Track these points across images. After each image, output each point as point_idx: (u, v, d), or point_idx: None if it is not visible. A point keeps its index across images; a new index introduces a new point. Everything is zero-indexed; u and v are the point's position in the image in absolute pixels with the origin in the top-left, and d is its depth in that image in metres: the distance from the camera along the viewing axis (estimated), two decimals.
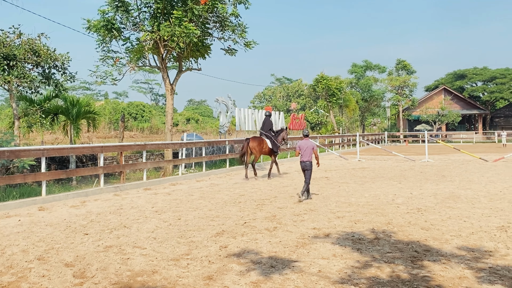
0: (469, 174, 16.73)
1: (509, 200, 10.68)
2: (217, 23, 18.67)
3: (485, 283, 5.05)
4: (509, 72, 63.75)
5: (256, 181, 15.84)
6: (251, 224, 8.40)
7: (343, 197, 11.63)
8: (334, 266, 5.81)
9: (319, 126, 43.85)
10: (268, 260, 6.09)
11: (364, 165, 21.94)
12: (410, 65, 59.83)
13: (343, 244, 6.85)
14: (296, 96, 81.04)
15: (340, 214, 9.31)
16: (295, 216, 9.16)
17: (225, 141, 20.88)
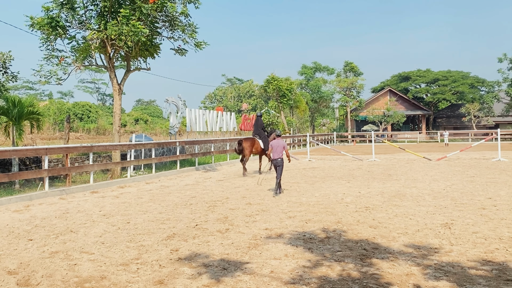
0: (414, 173, 17.32)
1: (452, 198, 11.13)
2: (167, 23, 18.41)
3: (431, 279, 5.23)
4: (451, 74, 66.60)
5: (208, 183, 15.75)
6: (203, 227, 8.32)
7: (294, 197, 11.75)
8: (286, 266, 5.84)
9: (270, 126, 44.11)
10: (220, 263, 6.05)
11: (314, 165, 22.27)
12: (357, 67, 61.44)
13: (295, 244, 6.91)
14: (247, 97, 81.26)
15: (292, 214, 9.39)
16: (247, 217, 9.16)
17: (175, 142, 20.62)
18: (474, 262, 5.84)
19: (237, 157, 26.82)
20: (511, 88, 57.87)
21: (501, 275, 5.31)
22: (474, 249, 6.45)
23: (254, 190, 13.15)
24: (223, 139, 26.43)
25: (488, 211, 9.30)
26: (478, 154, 28.21)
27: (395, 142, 52.64)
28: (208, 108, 68.72)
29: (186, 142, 21.96)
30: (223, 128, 29.10)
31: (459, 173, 16.91)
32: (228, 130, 29.89)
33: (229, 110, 69.51)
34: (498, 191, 12.07)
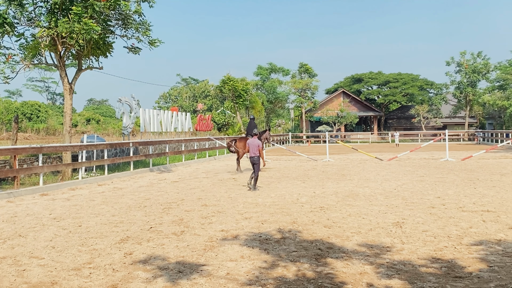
0: (367, 172, 17.72)
1: (402, 197, 11.46)
2: (120, 21, 18.02)
3: (384, 278, 5.35)
4: (401, 76, 68.64)
5: (163, 184, 15.54)
6: (158, 229, 8.20)
7: (250, 197, 11.77)
8: (242, 268, 5.84)
9: (226, 127, 44.06)
10: (175, 266, 5.97)
11: (270, 165, 22.40)
12: (312, 68, 62.27)
13: (251, 245, 6.91)
14: (202, 97, 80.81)
15: (248, 215, 9.40)
16: (203, 219, 9.09)
17: (129, 142, 20.22)
18: (424, 260, 6.02)
19: (192, 157, 26.66)
20: (458, 91, 60.26)
21: (450, 272, 5.50)
22: (424, 247, 6.66)
23: (210, 192, 13.08)
24: (178, 139, 26.16)
25: (437, 210, 9.63)
26: (427, 154, 29.19)
27: (348, 142, 53.72)
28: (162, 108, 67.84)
29: (140, 142, 21.58)
30: (178, 129, 28.81)
31: (409, 173, 17.43)
32: (183, 131, 29.61)
33: (184, 110, 68.92)
34: (446, 190, 12.52)
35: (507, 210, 9.41)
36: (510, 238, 7.10)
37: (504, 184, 13.47)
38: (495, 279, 5.21)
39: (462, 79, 59.31)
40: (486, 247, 6.61)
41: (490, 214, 8.99)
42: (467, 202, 10.52)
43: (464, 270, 5.59)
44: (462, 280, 5.22)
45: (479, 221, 8.40)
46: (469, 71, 58.49)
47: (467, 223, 8.25)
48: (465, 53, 59.17)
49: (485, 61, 58.82)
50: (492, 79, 60.42)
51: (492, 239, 7.04)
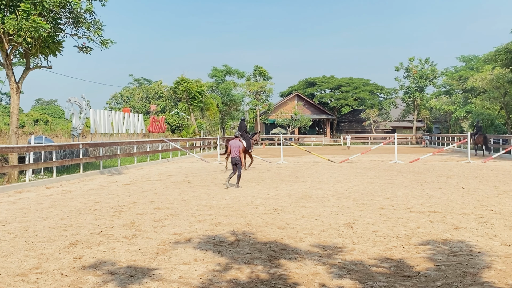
0: (319, 174, 18.00)
1: (354, 198, 11.70)
2: (70, 19, 17.50)
3: (336, 278, 5.45)
4: (353, 81, 70.31)
5: (114, 187, 15.20)
6: (108, 233, 8.00)
7: (204, 200, 11.69)
8: (196, 271, 5.79)
9: (180, 129, 43.61)
10: (126, 270, 5.84)
11: (224, 167, 22.34)
12: (267, 71, 62.75)
13: (205, 248, 6.87)
14: (156, 98, 79.67)
15: (202, 217, 9.33)
16: (155, 222, 8.95)
17: (78, 144, 19.65)
18: (375, 260, 6.17)
19: (144, 160, 26.23)
20: (407, 95, 62.29)
21: (399, 272, 5.66)
22: (374, 247, 6.83)
23: (162, 194, 12.90)
24: (130, 141, 25.67)
25: (386, 210, 9.90)
26: (377, 156, 29.97)
27: (302, 145, 54.40)
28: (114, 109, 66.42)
29: (90, 144, 21.02)
30: (130, 130, 28.27)
31: (360, 174, 17.84)
32: (136, 132, 29.10)
33: (137, 111, 67.68)
34: (395, 191, 12.89)
35: (452, 211, 9.79)
36: (455, 238, 7.39)
37: (450, 186, 14.01)
38: (441, 278, 5.40)
39: (410, 84, 61.38)
40: (433, 246, 6.85)
41: (436, 215, 9.32)
42: (415, 203, 10.87)
43: (412, 269, 5.77)
44: (410, 279, 5.39)
45: (426, 221, 8.69)
46: (417, 76, 60.61)
47: (415, 223, 8.52)
48: (414, 59, 61.31)
49: (432, 67, 61.15)
50: (438, 84, 62.96)
51: (438, 239, 7.30)
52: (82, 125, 22.71)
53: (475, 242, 7.08)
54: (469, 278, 5.39)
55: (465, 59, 63.73)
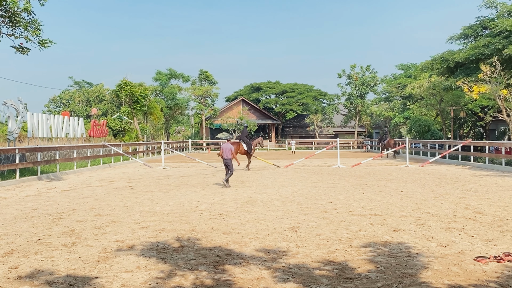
0: (265, 179, 18.11)
1: (298, 202, 11.85)
2: (7, 18, 16.69)
3: (280, 282, 5.48)
4: (297, 87, 71.45)
5: (53, 193, 14.60)
6: (46, 241, 7.66)
7: (147, 206, 11.46)
8: (138, 278, 5.64)
9: (122, 133, 42.57)
10: (66, 279, 5.61)
11: (169, 172, 22.04)
12: (212, 76, 62.50)
13: (148, 255, 6.72)
14: (97, 101, 77.40)
15: (145, 224, 9.13)
16: (96, 229, 8.67)
17: (14, 149, 18.73)
18: (318, 263, 6.27)
19: (85, 165, 25.40)
20: (349, 102, 64.03)
21: (341, 274, 5.77)
22: (317, 251, 6.93)
23: (104, 201, 12.52)
24: (69, 146, 24.77)
25: (329, 214, 10.09)
26: (320, 161, 30.56)
27: None
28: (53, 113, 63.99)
29: (27, 149, 20.10)
30: (70, 134, 27.31)
31: (304, 179, 18.11)
32: (76, 137, 28.14)
33: (77, 115, 65.54)
34: (338, 195, 13.18)
35: (392, 213, 10.12)
36: (395, 240, 7.63)
37: (390, 189, 14.50)
38: (381, 279, 5.56)
39: (352, 91, 63.17)
40: (373, 249, 7.04)
41: (377, 218, 9.61)
42: (357, 206, 11.15)
43: (354, 271, 5.90)
44: (352, 281, 5.51)
45: (367, 224, 8.94)
46: (358, 83, 62.48)
47: (356, 226, 8.73)
48: (355, 66, 63.15)
49: (373, 74, 63.27)
50: (379, 91, 65.13)
51: (379, 241, 7.51)
52: (19, 129, 21.70)
53: (413, 243, 7.35)
54: (408, 278, 5.57)
55: (404, 67, 66.29)
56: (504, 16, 30.32)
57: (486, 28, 31.52)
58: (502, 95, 28.00)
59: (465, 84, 29.28)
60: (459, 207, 10.86)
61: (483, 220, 9.27)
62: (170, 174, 20.99)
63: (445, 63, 32.20)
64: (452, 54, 31.54)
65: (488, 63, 28.14)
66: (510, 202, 11.57)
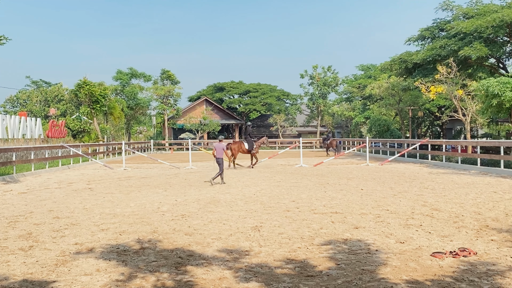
0: (228, 179, 18.06)
1: (261, 202, 11.90)
2: None
3: (242, 281, 5.49)
4: (261, 87, 71.71)
5: (9, 196, 14.13)
6: (2, 245, 7.42)
7: (107, 208, 11.24)
8: (98, 281, 5.54)
9: (82, 134, 41.62)
10: (22, 284, 5.45)
11: (130, 174, 21.71)
12: (174, 75, 61.88)
13: (108, 258, 6.60)
14: (55, 102, 75.33)
15: (105, 226, 8.96)
16: (54, 232, 8.45)
17: None
18: (280, 262, 6.31)
19: (43, 166, 24.71)
20: (311, 102, 64.75)
21: (303, 272, 5.84)
22: (280, 249, 6.98)
23: (62, 203, 12.21)
24: (27, 147, 24.02)
25: (292, 213, 10.18)
26: (283, 160, 30.78)
27: (211, 150, 54.35)
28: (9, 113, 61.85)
29: None
30: (27, 135, 26.52)
31: (268, 178, 18.20)
32: (33, 138, 27.36)
33: (35, 115, 63.63)
34: (300, 194, 13.31)
35: (352, 211, 10.30)
36: (355, 237, 7.78)
37: (350, 188, 14.75)
38: (342, 276, 5.65)
39: (314, 91, 63.93)
40: (334, 246, 7.15)
41: (338, 216, 9.76)
42: (318, 204, 11.29)
43: (315, 269, 5.97)
44: (313, 278, 5.57)
45: (329, 222, 9.07)
46: (320, 84, 63.27)
47: (318, 224, 8.84)
48: (317, 67, 63.91)
49: (334, 75, 64.22)
50: (340, 91, 66.20)
51: (339, 239, 7.64)
52: None
53: (373, 240, 7.51)
54: (367, 275, 5.69)
55: (364, 68, 67.57)
56: (459, 18, 31.35)
57: (442, 30, 32.54)
58: (458, 95, 28.97)
59: (423, 84, 30.15)
60: (417, 204, 11.16)
61: (439, 216, 9.56)
62: (131, 175, 20.68)
63: (403, 64, 33.03)
64: (410, 55, 32.38)
65: (445, 64, 29.06)
66: (466, 199, 11.97)
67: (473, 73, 33.45)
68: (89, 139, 41.15)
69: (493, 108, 23.41)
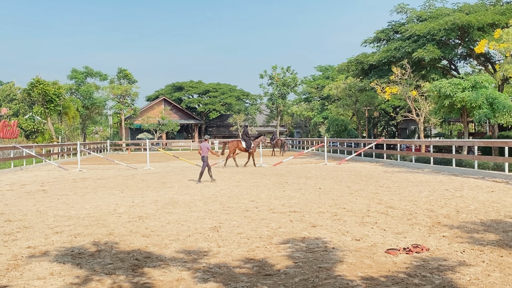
0: (187, 180, 17.95)
1: (220, 202, 11.88)
2: None
3: (200, 282, 5.47)
4: (220, 87, 71.61)
5: None
6: None
7: (62, 210, 10.95)
8: (52, 285, 5.39)
9: (35, 134, 40.33)
10: None
11: (86, 175, 21.20)
12: (132, 74, 60.94)
13: (62, 261, 6.43)
14: (7, 101, 72.66)
15: (59, 229, 8.72)
16: (5, 235, 8.15)
17: None
18: (239, 261, 6.33)
19: None
20: (271, 102, 65.18)
21: (261, 271, 5.87)
22: (238, 249, 6.99)
23: (14, 205, 11.80)
24: None
25: (251, 212, 10.21)
26: (243, 160, 30.78)
27: (169, 150, 53.80)
28: None
29: None
30: None
31: (227, 178, 18.18)
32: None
33: None
34: (260, 194, 13.37)
35: (310, 210, 10.44)
36: (312, 235, 7.88)
37: (309, 187, 14.94)
38: (299, 274, 5.72)
39: (274, 91, 64.39)
40: (292, 245, 7.23)
41: (296, 214, 9.87)
42: (277, 204, 11.38)
43: (273, 268, 6.02)
44: (271, 277, 5.62)
45: (287, 221, 9.15)
46: (279, 84, 63.77)
47: (276, 223, 8.92)
48: (276, 67, 64.44)
49: (293, 76, 64.90)
50: (299, 92, 66.96)
51: (297, 237, 7.72)
52: None
53: (330, 238, 7.64)
54: (324, 272, 5.78)
55: (322, 69, 68.57)
56: (413, 21, 32.33)
57: (397, 32, 33.45)
58: (412, 96, 29.85)
59: (378, 85, 30.91)
60: (373, 202, 11.43)
61: (394, 214, 9.83)
62: (87, 177, 20.20)
63: (359, 65, 33.76)
64: (366, 57, 33.14)
65: (399, 65, 29.90)
66: (419, 197, 12.35)
67: (426, 75, 34.58)
68: (43, 139, 39.90)
69: (445, 108, 24.30)
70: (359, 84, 39.02)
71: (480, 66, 35.48)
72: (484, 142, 22.00)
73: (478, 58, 31.57)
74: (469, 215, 9.59)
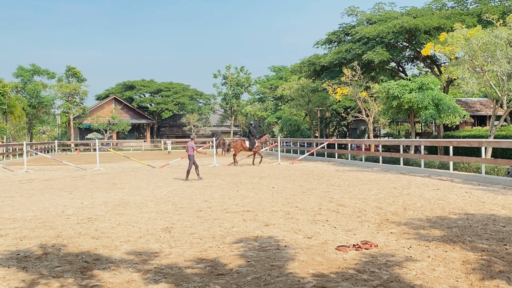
0: (138, 180, 17.66)
1: (172, 203, 11.76)
2: None
3: (151, 283, 5.39)
4: (173, 86, 70.76)
5: None
6: None
7: (7, 212, 10.51)
8: None
9: None
10: None
11: (32, 176, 20.45)
12: (81, 72, 59.27)
13: (7, 265, 6.18)
14: None
15: (3, 232, 8.38)
16: None
17: None
18: (191, 262, 6.29)
19: None
20: (224, 102, 65.10)
21: (213, 271, 5.86)
22: (191, 250, 6.95)
23: None
24: None
25: (204, 212, 10.17)
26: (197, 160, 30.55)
27: (120, 150, 52.73)
28: None
29: None
30: None
31: (180, 178, 18.01)
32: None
33: None
34: (213, 194, 13.34)
35: (263, 209, 10.51)
36: (265, 234, 7.94)
37: (262, 186, 15.03)
38: (252, 273, 5.75)
39: (227, 91, 64.35)
40: (245, 244, 7.25)
41: (249, 214, 9.91)
42: (231, 203, 11.39)
43: (226, 267, 6.02)
44: (223, 277, 5.62)
45: (240, 220, 9.18)
46: (233, 84, 63.79)
47: (230, 223, 8.92)
48: (230, 67, 64.46)
49: (247, 76, 65.10)
50: (253, 92, 67.23)
51: (250, 236, 7.76)
52: None
53: (282, 237, 7.71)
54: (276, 270, 5.84)
55: (276, 69, 69.16)
56: (363, 24, 33.15)
57: (348, 34, 34.22)
58: (362, 96, 30.62)
59: (330, 86, 31.51)
60: (324, 201, 11.64)
61: (344, 212, 10.04)
62: (33, 178, 19.49)
63: (312, 66, 34.29)
64: (318, 58, 33.71)
65: (350, 67, 30.59)
66: (369, 195, 12.68)
67: (375, 76, 35.59)
68: None
69: (393, 109, 25.08)
70: (311, 84, 39.60)
71: (427, 68, 36.86)
72: (430, 142, 22.88)
73: (424, 61, 32.80)
74: (415, 212, 9.93)
